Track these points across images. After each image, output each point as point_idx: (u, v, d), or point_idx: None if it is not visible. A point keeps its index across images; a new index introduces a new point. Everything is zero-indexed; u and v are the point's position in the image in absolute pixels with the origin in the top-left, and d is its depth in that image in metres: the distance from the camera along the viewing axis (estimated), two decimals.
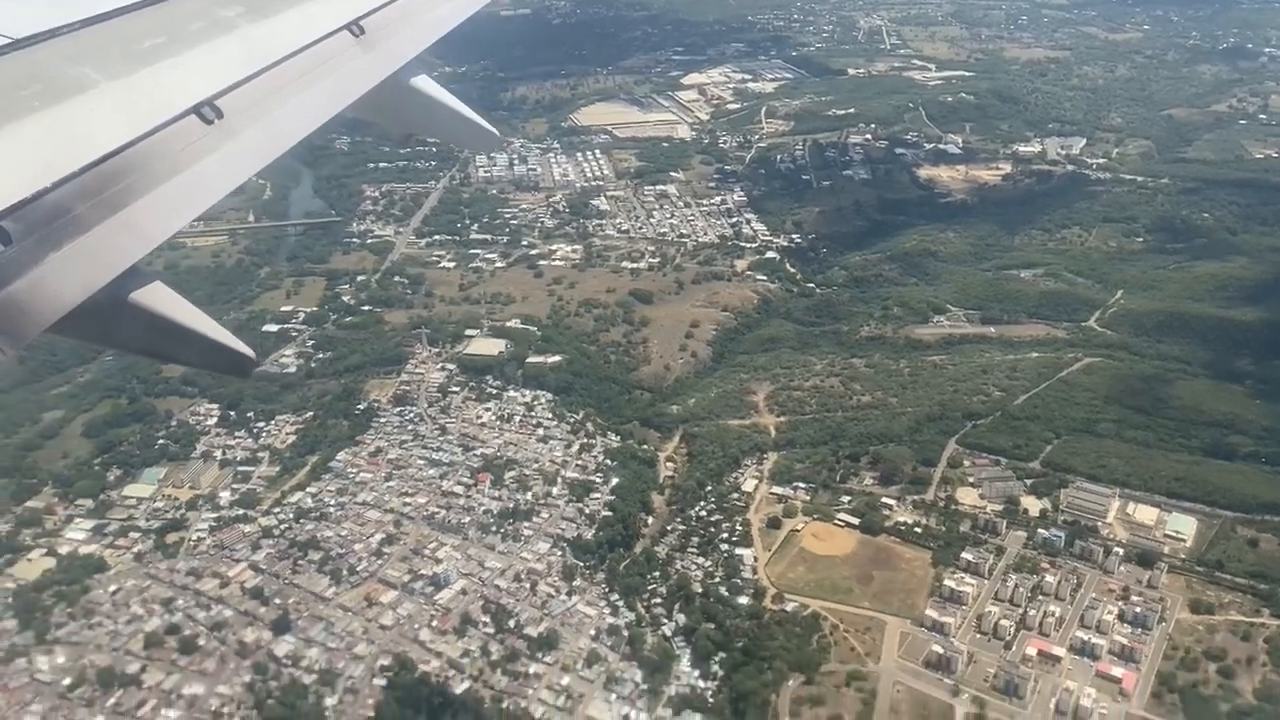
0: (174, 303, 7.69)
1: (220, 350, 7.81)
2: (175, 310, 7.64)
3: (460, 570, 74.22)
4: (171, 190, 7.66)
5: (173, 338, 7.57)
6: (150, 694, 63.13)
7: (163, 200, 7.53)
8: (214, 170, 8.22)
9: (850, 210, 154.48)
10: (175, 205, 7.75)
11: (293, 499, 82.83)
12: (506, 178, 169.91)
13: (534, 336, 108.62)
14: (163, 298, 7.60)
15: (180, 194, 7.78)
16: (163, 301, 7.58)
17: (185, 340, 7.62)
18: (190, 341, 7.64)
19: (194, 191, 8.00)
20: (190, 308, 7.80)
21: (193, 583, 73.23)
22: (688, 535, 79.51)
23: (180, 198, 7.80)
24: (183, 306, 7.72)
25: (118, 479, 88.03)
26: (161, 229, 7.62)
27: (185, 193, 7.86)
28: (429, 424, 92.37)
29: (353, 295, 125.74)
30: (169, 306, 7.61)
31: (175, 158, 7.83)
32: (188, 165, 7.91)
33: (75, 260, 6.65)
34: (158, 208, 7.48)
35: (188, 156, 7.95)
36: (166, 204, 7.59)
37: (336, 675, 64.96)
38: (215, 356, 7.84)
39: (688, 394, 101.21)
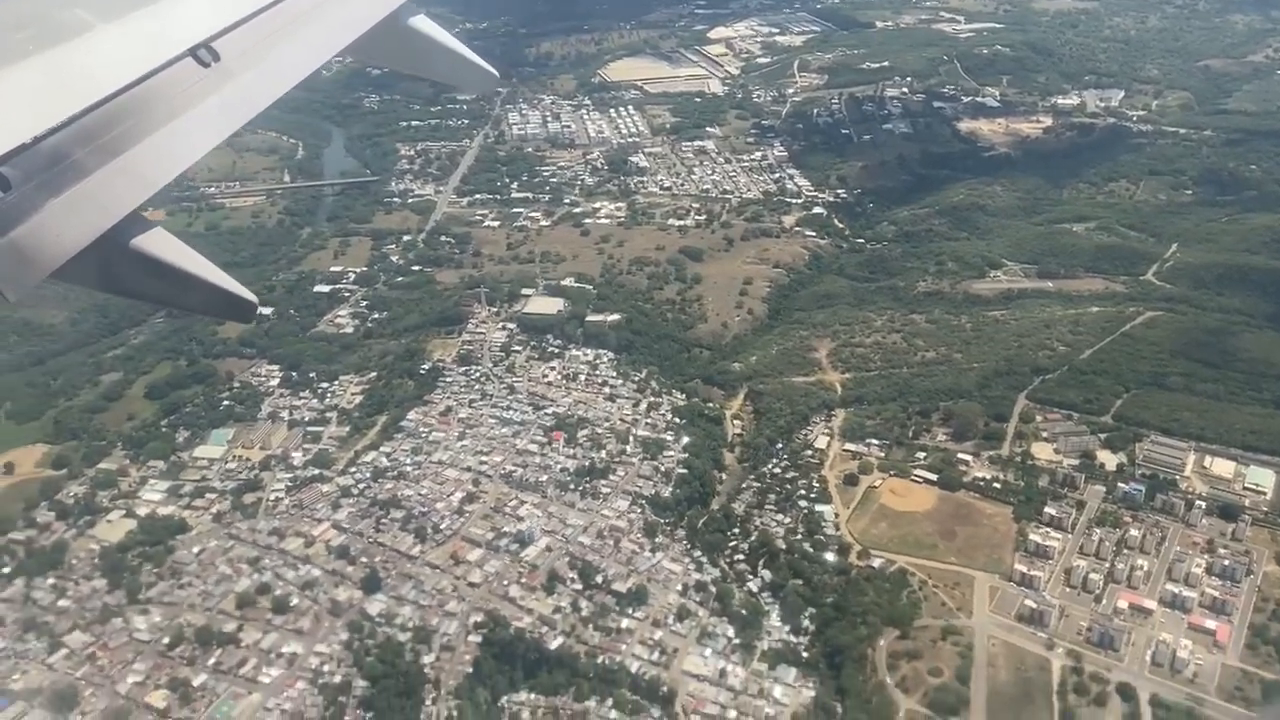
0: (176, 248, 7.52)
1: (223, 295, 7.64)
2: (177, 256, 7.47)
3: (542, 528, 74.12)
4: (170, 134, 7.54)
5: (175, 283, 7.42)
6: (250, 652, 63.41)
7: (162, 145, 7.43)
8: (212, 114, 8.06)
9: (893, 164, 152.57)
10: (174, 149, 7.64)
11: (367, 458, 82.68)
12: (541, 135, 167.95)
13: (590, 295, 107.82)
14: (164, 243, 7.44)
15: (179, 138, 7.66)
16: (164, 247, 7.42)
17: (188, 286, 7.47)
18: (193, 287, 7.49)
19: (193, 135, 7.87)
20: (192, 253, 7.64)
21: (276, 542, 73.28)
22: (763, 492, 79.29)
23: (179, 142, 7.68)
24: (184, 252, 7.56)
25: (187, 440, 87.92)
26: (161, 174, 7.52)
27: (184, 137, 7.73)
28: (496, 383, 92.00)
29: (400, 255, 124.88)
30: (171, 252, 7.45)
31: (173, 101, 7.70)
32: (186, 109, 7.76)
33: (75, 206, 6.57)
34: (157, 152, 7.38)
35: (185, 100, 7.81)
36: (166, 148, 7.48)
37: (431, 632, 65.14)
38: (218, 302, 7.68)
39: (748, 351, 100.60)
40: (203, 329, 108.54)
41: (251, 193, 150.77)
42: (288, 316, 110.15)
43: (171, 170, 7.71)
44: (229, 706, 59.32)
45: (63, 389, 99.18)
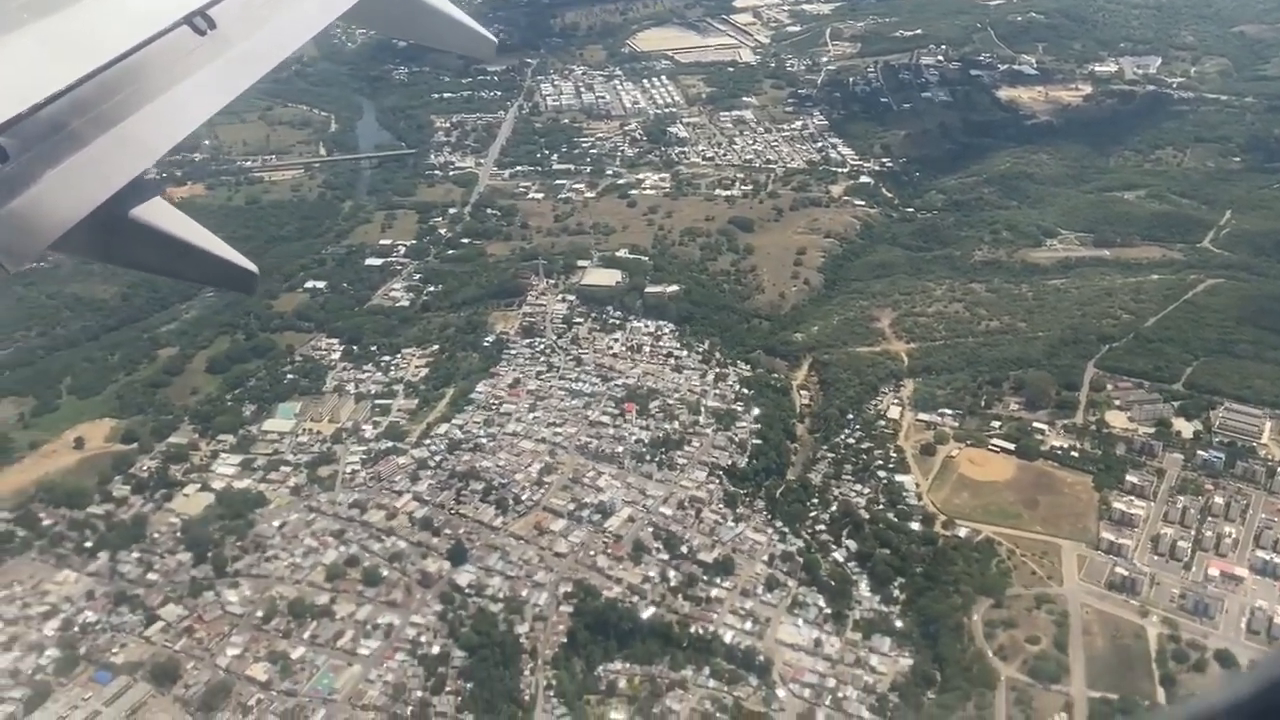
0: (175, 218, 7.50)
1: (223, 265, 7.61)
2: (178, 226, 7.45)
3: (623, 498, 73.83)
4: (168, 103, 7.46)
5: (175, 253, 7.40)
6: (345, 624, 63.42)
7: (159, 113, 7.35)
8: (210, 82, 8.01)
9: (936, 133, 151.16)
10: (172, 118, 7.57)
11: (440, 430, 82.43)
12: (576, 106, 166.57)
13: (646, 267, 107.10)
14: (165, 214, 7.43)
15: (177, 106, 7.59)
16: (165, 217, 7.40)
17: (188, 256, 7.45)
18: (193, 257, 7.47)
19: (190, 104, 7.80)
20: (193, 224, 7.63)
21: (358, 515, 73.15)
22: (839, 463, 78.96)
23: (177, 110, 7.62)
24: (185, 222, 7.55)
25: (254, 414, 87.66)
26: (159, 143, 7.46)
27: (182, 105, 7.67)
28: (562, 355, 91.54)
29: (448, 228, 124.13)
30: (171, 222, 7.43)
31: (170, 70, 7.64)
32: (183, 77, 7.71)
33: (74, 176, 6.51)
34: (155, 121, 7.30)
35: (182, 69, 7.76)
36: (163, 117, 7.41)
37: (522, 603, 65.09)
38: (218, 272, 7.67)
39: (808, 322, 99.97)
40: (257, 303, 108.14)
41: (289, 166, 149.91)
42: (341, 290, 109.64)
43: (170, 139, 7.62)
44: (330, 678, 59.36)
45: (121, 364, 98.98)
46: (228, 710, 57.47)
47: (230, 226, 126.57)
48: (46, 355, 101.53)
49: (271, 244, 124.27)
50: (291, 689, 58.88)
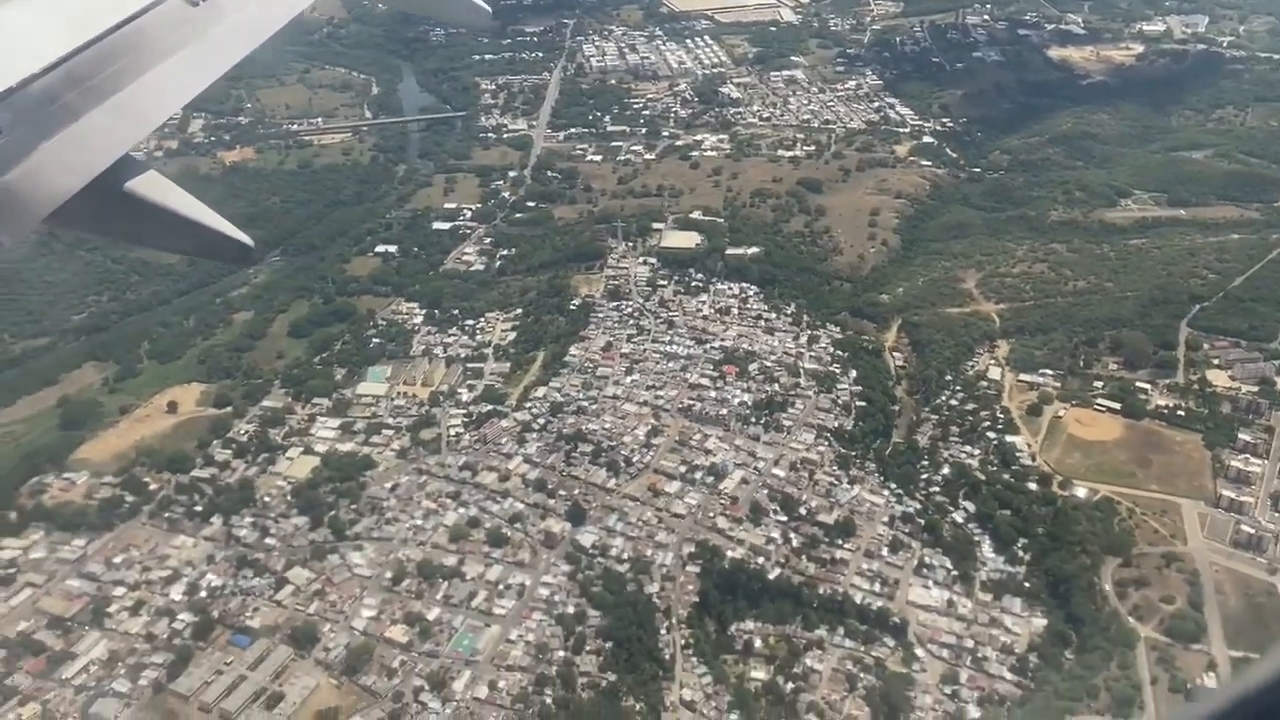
0: (171, 192, 7.39)
1: (218, 238, 7.50)
2: (173, 199, 7.33)
3: (733, 461, 73.37)
4: (161, 75, 7.37)
5: (170, 226, 7.30)
6: (477, 585, 63.16)
7: (153, 86, 7.26)
8: (203, 54, 7.90)
9: (992, 93, 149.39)
10: (166, 91, 7.48)
11: (538, 394, 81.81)
12: (621, 67, 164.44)
13: (723, 229, 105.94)
14: (159, 186, 7.31)
15: (170, 79, 7.49)
16: (160, 190, 7.29)
17: (183, 229, 7.36)
18: (188, 230, 7.38)
19: (183, 76, 7.69)
20: (187, 196, 7.48)
21: (470, 477, 72.73)
22: (945, 424, 78.48)
23: (170, 83, 7.51)
24: (180, 195, 7.42)
25: (345, 378, 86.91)
26: (153, 115, 7.39)
27: (175, 78, 7.56)
28: (651, 318, 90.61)
29: (510, 191, 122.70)
30: (166, 195, 7.32)
31: (163, 42, 7.54)
32: (176, 49, 7.61)
33: (68, 149, 6.42)
34: (148, 93, 7.21)
35: (176, 40, 7.65)
36: (157, 89, 7.32)
37: (648, 563, 64.83)
38: (213, 244, 7.56)
39: (892, 283, 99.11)
40: (330, 267, 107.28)
41: (337, 130, 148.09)
42: (412, 254, 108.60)
43: (163, 112, 7.58)
44: (469, 639, 59.14)
45: (198, 328, 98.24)
46: (372, 672, 57.16)
47: (286, 190, 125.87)
48: (120, 320, 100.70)
49: (331, 208, 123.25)
50: (433, 650, 58.65)
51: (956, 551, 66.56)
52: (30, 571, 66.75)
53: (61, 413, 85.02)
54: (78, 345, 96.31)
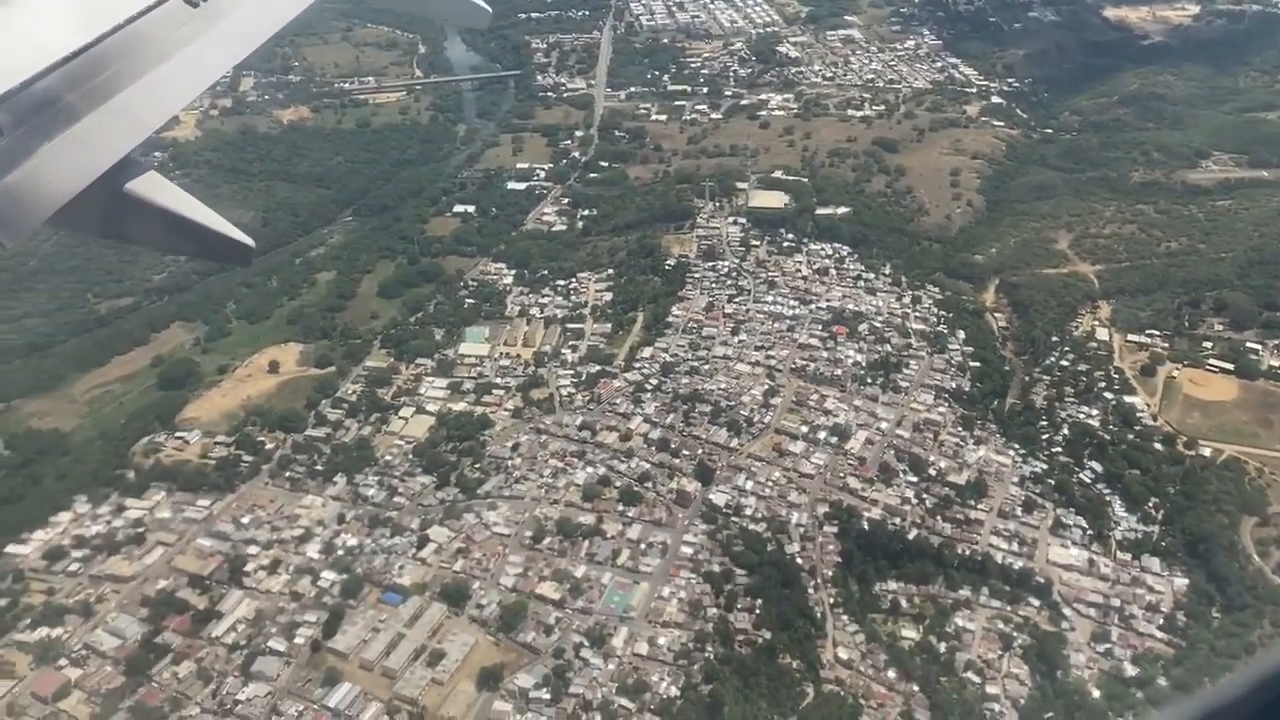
0: (170, 192, 7.35)
1: (219, 239, 7.38)
2: (172, 200, 7.28)
3: (855, 421, 73.00)
4: (161, 77, 7.37)
5: (171, 228, 7.26)
6: (619, 543, 62.91)
7: (153, 87, 7.26)
8: (203, 55, 7.91)
9: (1053, 53, 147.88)
10: (166, 92, 7.47)
11: (644, 354, 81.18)
12: (672, 26, 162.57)
13: (808, 188, 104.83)
14: (159, 187, 7.29)
15: (170, 80, 7.49)
16: (160, 191, 7.27)
17: (184, 230, 7.29)
18: (189, 231, 7.31)
19: (184, 77, 7.71)
20: (187, 197, 7.42)
21: (589, 437, 72.24)
22: (1058, 385, 78.05)
23: (170, 84, 7.51)
24: (180, 196, 7.37)
25: (444, 338, 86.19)
26: (153, 117, 7.34)
27: (175, 79, 7.56)
28: (750, 278, 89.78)
29: (580, 151, 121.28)
30: (166, 196, 7.27)
31: (163, 43, 7.56)
32: (176, 50, 7.63)
33: (68, 151, 6.43)
34: (148, 95, 7.21)
35: (175, 41, 7.67)
36: (157, 91, 7.31)
37: (785, 523, 64.57)
38: (214, 245, 7.46)
39: (983, 244, 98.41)
40: (410, 228, 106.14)
41: (392, 89, 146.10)
42: (491, 214, 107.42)
43: (164, 113, 7.47)
44: (621, 596, 58.98)
45: (282, 289, 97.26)
46: (528, 629, 57.04)
47: (349, 150, 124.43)
48: (201, 280, 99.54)
49: (397, 168, 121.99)
50: (586, 607, 58.51)
51: (1089, 511, 66.45)
52: (160, 531, 66.44)
53: (159, 373, 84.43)
54: (162, 305, 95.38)
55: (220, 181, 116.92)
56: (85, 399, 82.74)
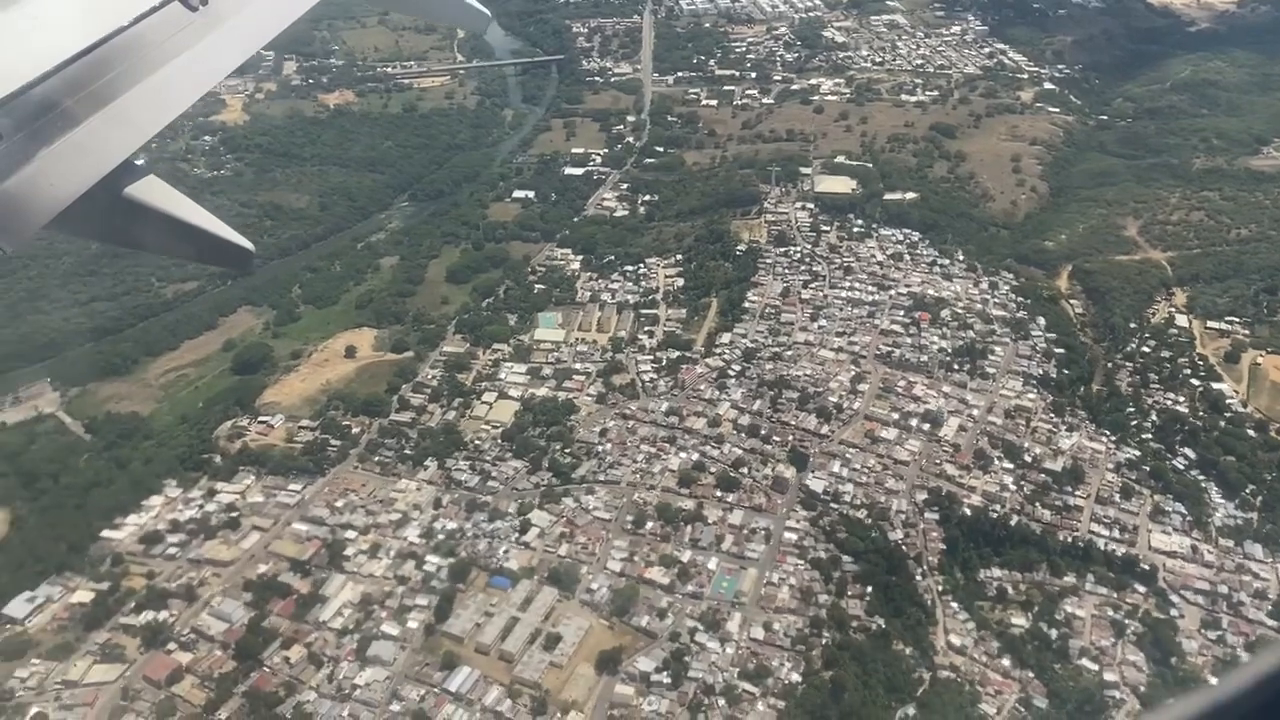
0: (170, 196, 7.36)
1: (219, 243, 7.47)
2: (173, 204, 7.31)
3: (946, 408, 72.62)
4: (160, 81, 7.35)
5: (171, 232, 7.28)
6: (722, 528, 62.61)
7: (152, 92, 7.24)
8: (202, 59, 7.88)
9: (1101, 40, 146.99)
10: (165, 96, 7.44)
11: (723, 339, 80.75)
12: (712, 10, 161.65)
13: (873, 173, 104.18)
14: (158, 192, 7.29)
15: (169, 85, 7.46)
16: (159, 196, 7.27)
17: (184, 234, 7.33)
18: (189, 235, 7.35)
19: (183, 81, 7.68)
20: (187, 201, 7.44)
21: (678, 422, 71.86)
22: (1141, 371, 77.62)
23: (170, 88, 7.49)
24: (180, 201, 7.39)
25: (518, 323, 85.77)
26: (153, 121, 7.30)
27: (174, 83, 7.54)
28: (824, 263, 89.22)
29: (634, 136, 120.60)
30: (165, 201, 7.29)
31: (162, 47, 7.55)
32: (175, 54, 7.61)
33: (68, 156, 6.43)
34: (147, 99, 7.19)
35: (175, 45, 7.66)
36: (156, 95, 7.29)
37: (885, 510, 64.25)
38: (214, 249, 7.54)
39: (1052, 230, 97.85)
40: (471, 213, 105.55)
41: (435, 73, 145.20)
42: (550, 200, 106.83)
43: (163, 117, 7.41)
44: (729, 581, 58.74)
45: (347, 274, 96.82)
46: (641, 613, 56.81)
47: (399, 135, 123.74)
48: (263, 264, 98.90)
49: (449, 152, 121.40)
50: (696, 592, 58.23)
51: (1187, 498, 66.03)
52: (254, 515, 66.24)
53: (232, 357, 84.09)
54: (226, 290, 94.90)
55: (273, 165, 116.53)
56: (160, 383, 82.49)
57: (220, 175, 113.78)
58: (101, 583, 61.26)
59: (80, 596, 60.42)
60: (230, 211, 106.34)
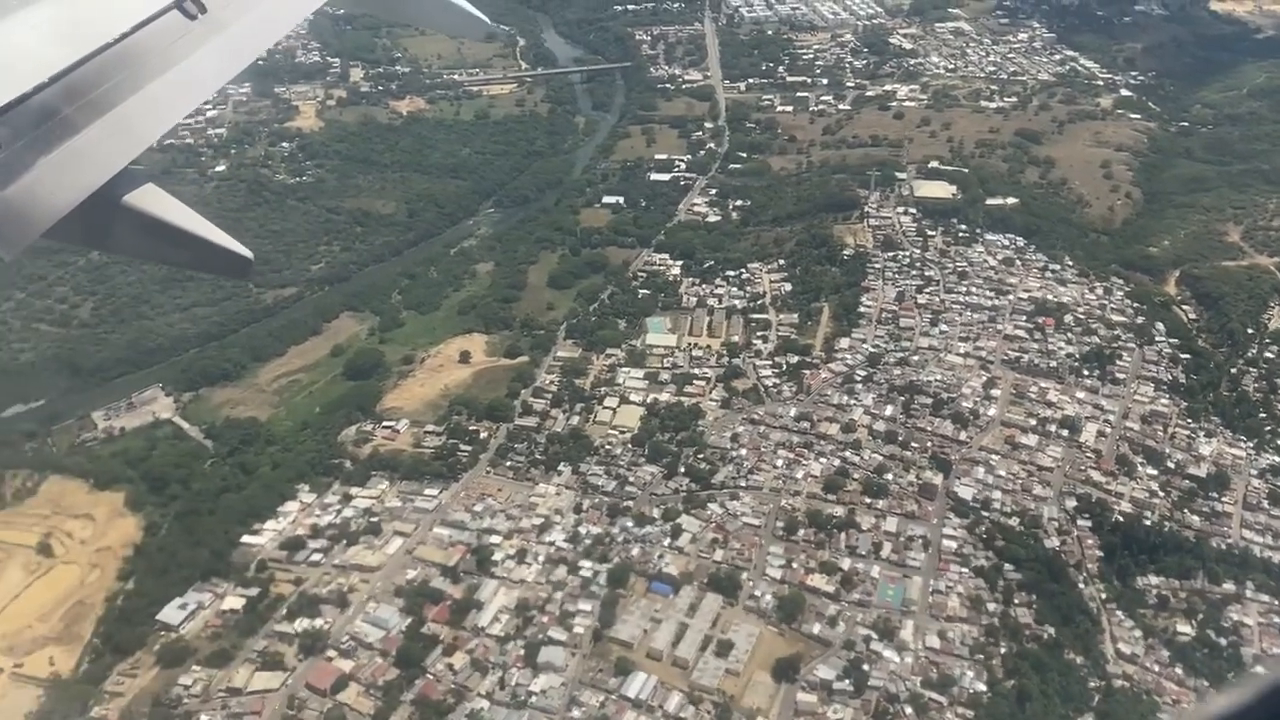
0: (169, 205, 7.28)
1: (218, 252, 7.38)
2: (171, 213, 7.24)
3: (1082, 414, 71.79)
4: (159, 89, 7.36)
5: (170, 240, 7.22)
6: (877, 536, 61.77)
7: (151, 99, 7.25)
8: (202, 66, 7.88)
9: (1171, 47, 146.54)
10: (164, 104, 7.46)
11: (841, 344, 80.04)
12: (773, 18, 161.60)
13: (970, 179, 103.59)
14: (157, 200, 7.24)
15: (169, 92, 7.47)
16: (158, 204, 7.22)
17: (183, 242, 7.26)
18: (188, 244, 7.27)
19: (183, 89, 7.68)
20: (186, 209, 7.37)
21: (809, 428, 71.11)
22: (1266, 376, 76.79)
23: (169, 96, 7.49)
24: (179, 209, 7.32)
25: (626, 328, 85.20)
26: (152, 129, 7.36)
27: (174, 91, 7.53)
28: (936, 268, 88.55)
29: (714, 142, 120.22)
30: (164, 209, 7.23)
31: (161, 55, 7.56)
32: (175, 62, 7.60)
33: (67, 164, 6.47)
34: (147, 107, 7.21)
35: (174, 53, 7.66)
36: (155, 103, 7.31)
37: (1036, 517, 63.39)
38: (213, 258, 7.46)
39: (1153, 236, 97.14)
40: (564, 218, 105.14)
41: (502, 81, 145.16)
42: (640, 205, 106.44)
43: (163, 125, 7.48)
44: (896, 589, 57.88)
45: (445, 280, 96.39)
46: (811, 620, 55.99)
47: (475, 141, 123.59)
48: (359, 270, 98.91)
49: (529, 159, 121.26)
50: (864, 599, 57.37)
51: None
52: (393, 520, 65.57)
53: (344, 362, 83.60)
54: (325, 296, 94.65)
55: (354, 172, 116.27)
56: (272, 388, 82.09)
57: (303, 182, 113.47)
58: (250, 589, 60.62)
59: (231, 603, 59.79)
60: (319, 218, 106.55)
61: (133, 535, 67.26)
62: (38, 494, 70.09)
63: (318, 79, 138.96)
